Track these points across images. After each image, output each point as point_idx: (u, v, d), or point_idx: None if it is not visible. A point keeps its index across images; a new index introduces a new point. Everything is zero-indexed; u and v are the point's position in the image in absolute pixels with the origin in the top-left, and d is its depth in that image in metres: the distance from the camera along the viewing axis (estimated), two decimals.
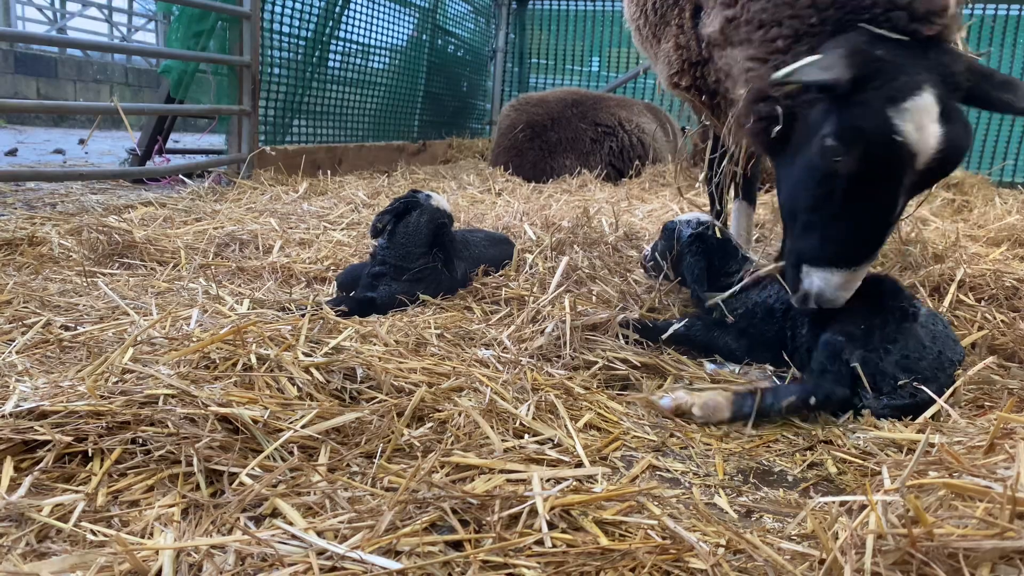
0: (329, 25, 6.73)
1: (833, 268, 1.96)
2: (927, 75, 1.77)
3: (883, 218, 1.90)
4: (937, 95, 1.75)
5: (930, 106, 1.74)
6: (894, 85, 1.76)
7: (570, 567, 1.22)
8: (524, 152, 7.11)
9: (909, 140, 1.74)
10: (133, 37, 16.36)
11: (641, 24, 3.03)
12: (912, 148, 1.75)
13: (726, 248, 2.54)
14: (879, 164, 1.81)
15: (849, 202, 1.91)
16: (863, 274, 1.97)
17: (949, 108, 1.76)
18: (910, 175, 1.80)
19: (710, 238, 2.57)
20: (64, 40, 13.18)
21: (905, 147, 1.75)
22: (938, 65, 1.81)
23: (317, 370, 1.85)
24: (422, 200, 2.83)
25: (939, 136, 1.74)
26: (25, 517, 1.28)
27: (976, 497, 1.27)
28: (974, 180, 5.99)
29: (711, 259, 2.54)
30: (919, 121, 1.73)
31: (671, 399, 1.93)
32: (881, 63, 1.79)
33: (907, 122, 1.73)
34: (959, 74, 1.81)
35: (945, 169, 1.84)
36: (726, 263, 2.53)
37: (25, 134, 10.04)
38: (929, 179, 1.87)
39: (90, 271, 2.90)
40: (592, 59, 10.41)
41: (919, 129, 1.73)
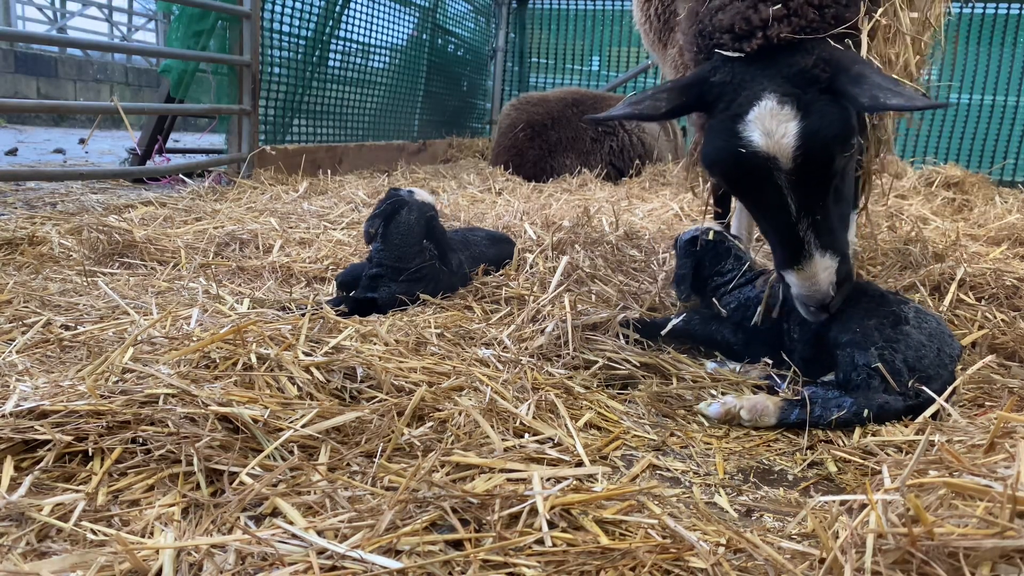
0: (329, 24, 6.73)
1: (788, 270, 2.02)
2: (768, 83, 1.85)
3: (783, 219, 1.94)
4: (782, 97, 1.82)
5: (773, 110, 1.82)
6: (736, 102, 1.88)
7: (570, 566, 1.22)
8: (524, 151, 7.11)
9: (759, 146, 1.83)
10: (133, 37, 16.36)
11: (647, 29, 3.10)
12: (766, 152, 1.83)
13: (717, 250, 2.56)
14: (742, 176, 1.93)
15: (755, 211, 2.07)
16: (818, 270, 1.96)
17: (804, 102, 1.82)
18: (783, 175, 1.86)
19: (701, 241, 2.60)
20: (64, 40, 13.17)
21: (757, 154, 1.84)
22: (785, 67, 1.86)
23: (317, 369, 1.85)
24: (407, 197, 2.81)
25: (794, 132, 1.80)
26: (25, 516, 1.28)
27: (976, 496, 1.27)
28: (974, 179, 5.99)
29: (700, 262, 2.56)
30: (765, 127, 1.82)
31: (720, 405, 1.93)
32: (722, 87, 1.93)
33: (754, 132, 1.83)
34: (811, 68, 1.85)
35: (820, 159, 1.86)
36: (717, 264, 2.54)
37: (25, 134, 10.04)
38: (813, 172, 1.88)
39: (90, 271, 2.90)
40: (592, 58, 10.40)
41: (767, 134, 1.82)
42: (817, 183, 1.90)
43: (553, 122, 7.17)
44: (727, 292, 2.47)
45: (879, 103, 1.74)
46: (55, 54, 12.39)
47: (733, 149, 1.86)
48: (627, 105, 2.05)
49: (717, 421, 1.93)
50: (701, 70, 2.02)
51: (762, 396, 1.96)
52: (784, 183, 1.87)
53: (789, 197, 1.89)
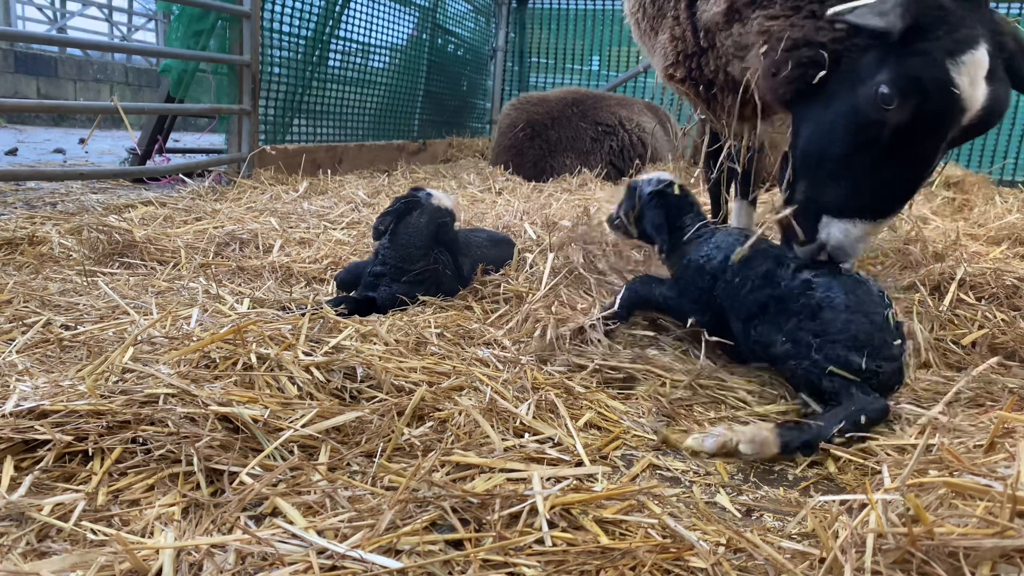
0: (329, 24, 6.72)
1: (857, 219, 1.93)
2: (983, 31, 1.78)
3: (920, 170, 1.89)
4: (990, 52, 1.76)
5: (984, 62, 1.75)
6: (955, 37, 1.77)
7: (570, 566, 1.22)
8: (524, 151, 7.11)
9: (963, 94, 1.75)
10: (133, 36, 16.35)
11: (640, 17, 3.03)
12: (964, 102, 1.76)
13: (681, 203, 2.57)
14: (931, 116, 1.81)
15: (890, 152, 1.89)
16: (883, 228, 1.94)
17: (996, 67, 1.78)
18: (954, 129, 1.82)
19: (668, 194, 2.60)
20: (64, 40, 13.17)
21: (959, 100, 1.76)
22: (991, 23, 1.81)
23: (317, 369, 1.85)
24: (422, 199, 2.82)
25: (987, 93, 1.76)
26: (25, 516, 1.28)
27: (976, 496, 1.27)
28: (974, 179, 5.98)
29: (668, 213, 2.57)
30: (973, 75, 1.75)
31: (714, 440, 1.80)
32: (943, 13, 1.79)
33: (963, 75, 1.74)
34: (1006, 36, 1.82)
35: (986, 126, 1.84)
36: (679, 218, 2.55)
37: (25, 133, 10.04)
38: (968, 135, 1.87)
39: (90, 270, 2.90)
40: (592, 58, 10.40)
41: (972, 84, 1.75)
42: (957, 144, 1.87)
43: (553, 122, 7.17)
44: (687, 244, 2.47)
45: None
46: (55, 54, 12.39)
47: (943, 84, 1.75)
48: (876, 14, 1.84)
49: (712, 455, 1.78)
50: None
51: (757, 428, 1.82)
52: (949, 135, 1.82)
53: (940, 151, 1.84)
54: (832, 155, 2.01)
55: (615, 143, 7.15)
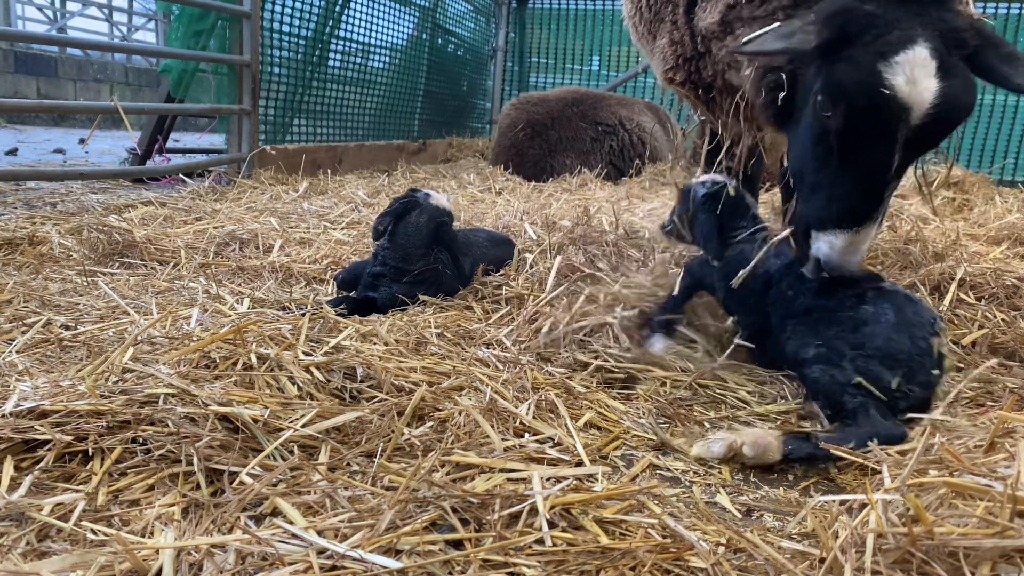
0: (329, 24, 6.72)
1: (836, 231, 1.93)
2: (923, 30, 1.77)
3: (879, 175, 1.87)
4: (933, 49, 1.74)
5: (924, 60, 1.73)
6: (886, 39, 1.77)
7: (570, 566, 1.22)
8: (524, 151, 7.11)
9: (900, 93, 1.74)
10: (133, 36, 16.35)
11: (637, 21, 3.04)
12: (904, 101, 1.74)
13: (736, 206, 2.52)
14: (868, 118, 1.81)
15: (844, 160, 1.91)
16: (867, 237, 1.91)
17: (948, 63, 1.75)
18: (905, 130, 1.79)
19: (722, 197, 2.55)
20: (64, 40, 13.17)
21: (895, 100, 1.74)
22: (938, 21, 1.80)
23: (317, 369, 1.85)
24: (421, 199, 2.82)
25: (935, 90, 1.73)
26: (25, 516, 1.28)
27: (976, 496, 1.27)
28: (974, 179, 5.98)
29: (722, 218, 2.52)
30: (912, 74, 1.73)
31: (721, 445, 1.76)
32: (872, 18, 1.81)
33: (897, 75, 1.73)
34: (963, 31, 1.79)
35: (945, 125, 1.82)
36: (735, 221, 2.50)
37: (25, 133, 10.04)
38: (929, 136, 1.84)
39: (90, 270, 2.90)
40: (592, 58, 10.40)
41: (911, 82, 1.73)
42: (923, 147, 1.85)
43: (553, 122, 7.17)
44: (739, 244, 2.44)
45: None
46: (55, 54, 12.39)
47: (873, 86, 1.75)
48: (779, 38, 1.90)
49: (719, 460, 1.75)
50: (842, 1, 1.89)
51: (761, 432, 1.79)
52: (900, 138, 1.80)
53: (896, 153, 1.83)
54: (807, 170, 2.04)
55: (615, 143, 7.15)
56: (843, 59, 1.83)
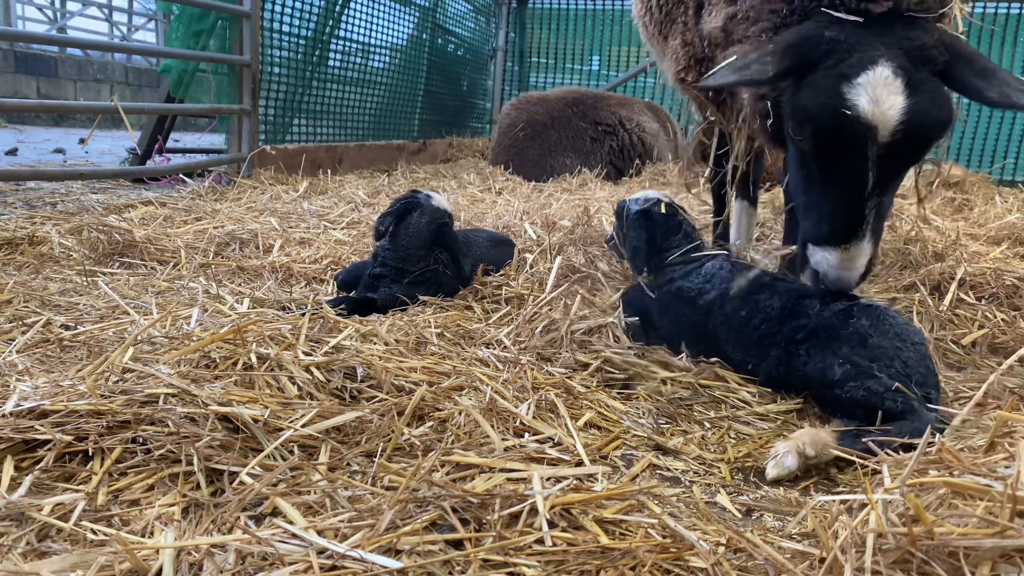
0: (329, 24, 6.72)
1: (827, 247, 1.96)
2: (886, 50, 1.80)
3: (856, 193, 1.89)
4: (898, 68, 1.77)
5: (887, 78, 1.76)
6: (848, 62, 1.81)
7: (570, 566, 1.22)
8: (524, 151, 7.11)
9: (863, 113, 1.76)
10: (133, 36, 16.35)
11: (647, 21, 3.06)
12: (868, 121, 1.77)
13: (668, 224, 2.53)
14: (834, 140, 1.85)
15: (824, 180, 1.95)
16: (861, 253, 1.94)
17: (916, 80, 1.78)
18: (875, 148, 1.81)
19: (655, 215, 2.55)
20: (64, 40, 13.17)
21: (860, 120, 1.77)
22: (904, 39, 1.82)
23: (317, 369, 1.85)
24: (422, 200, 2.82)
25: (901, 107, 1.76)
26: (25, 516, 1.28)
27: (976, 496, 1.27)
28: (974, 179, 5.98)
29: (654, 235, 2.53)
30: (874, 94, 1.76)
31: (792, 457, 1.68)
32: (834, 43, 1.85)
33: (860, 96, 1.76)
34: (930, 48, 1.81)
35: (919, 141, 1.83)
36: (667, 239, 2.51)
37: (25, 133, 10.04)
38: (905, 152, 1.85)
39: (90, 270, 2.90)
40: (592, 58, 10.40)
41: (875, 101, 1.76)
42: (901, 164, 1.87)
43: (553, 122, 7.17)
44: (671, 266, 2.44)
45: (1009, 101, 1.72)
46: (55, 54, 12.39)
47: (835, 108, 1.79)
48: (734, 71, 1.97)
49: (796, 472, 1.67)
50: (806, 29, 1.93)
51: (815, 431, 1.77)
52: (871, 156, 1.82)
53: (870, 172, 1.84)
54: (796, 189, 2.11)
55: (615, 143, 7.16)
56: (807, 84, 1.88)
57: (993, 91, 1.75)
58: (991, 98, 1.76)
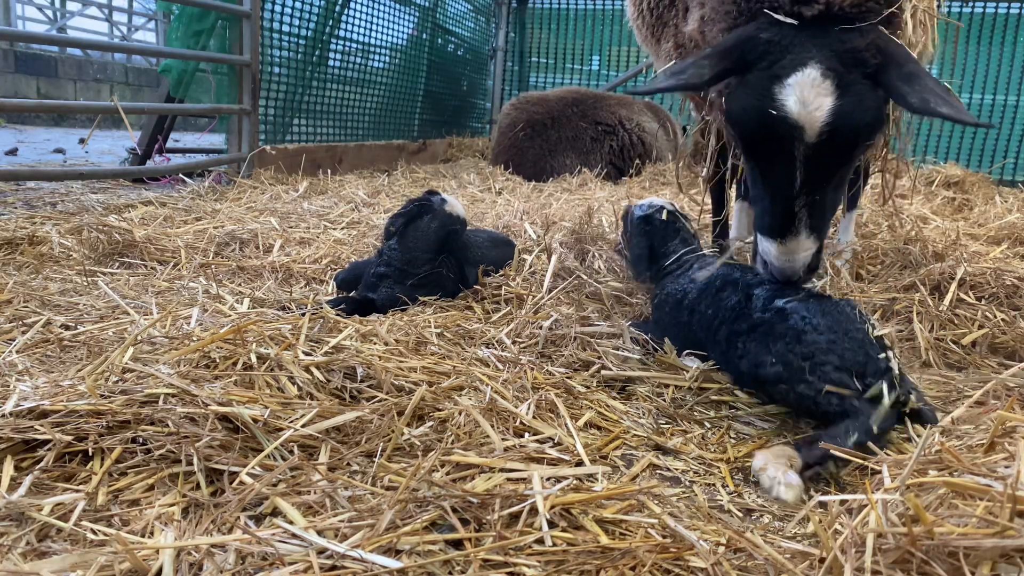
0: (329, 24, 6.73)
1: (769, 238, 2.02)
2: (817, 52, 1.83)
3: (788, 191, 1.94)
4: (828, 70, 1.80)
5: (812, 81, 1.79)
6: (780, 64, 1.85)
7: (570, 566, 1.22)
8: (524, 151, 7.11)
9: (790, 113, 1.81)
10: (133, 36, 16.35)
11: (640, 25, 3.10)
12: (795, 121, 1.81)
13: (667, 230, 2.55)
14: (763, 139, 1.91)
15: (762, 176, 2.03)
16: (799, 247, 1.98)
17: (845, 82, 1.80)
18: (803, 148, 1.85)
19: (655, 220, 2.57)
20: (64, 39, 13.18)
21: (787, 120, 1.82)
22: (837, 42, 1.85)
23: (317, 369, 1.85)
24: (436, 204, 2.78)
25: (827, 108, 1.79)
26: (25, 516, 1.28)
27: (976, 496, 1.27)
28: (974, 178, 5.98)
29: (653, 241, 2.54)
30: (802, 95, 1.80)
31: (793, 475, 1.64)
32: (769, 45, 1.89)
33: (788, 97, 1.81)
34: (862, 51, 1.83)
35: (847, 141, 1.85)
36: (664, 245, 2.53)
37: (25, 133, 10.04)
38: (833, 152, 1.87)
39: (90, 270, 2.90)
40: (592, 58, 10.40)
41: (802, 103, 1.80)
42: (829, 164, 1.89)
43: (553, 122, 7.17)
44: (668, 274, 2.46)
45: (928, 108, 1.73)
46: (55, 54, 12.39)
47: (764, 108, 1.84)
48: (670, 76, 2.03)
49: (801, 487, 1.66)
50: (745, 31, 1.98)
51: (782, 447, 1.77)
52: (800, 155, 1.86)
53: (799, 170, 1.89)
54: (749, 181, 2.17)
55: (615, 143, 7.16)
56: (741, 85, 1.95)
57: (915, 96, 1.77)
58: (912, 103, 1.77)
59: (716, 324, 2.16)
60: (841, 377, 1.84)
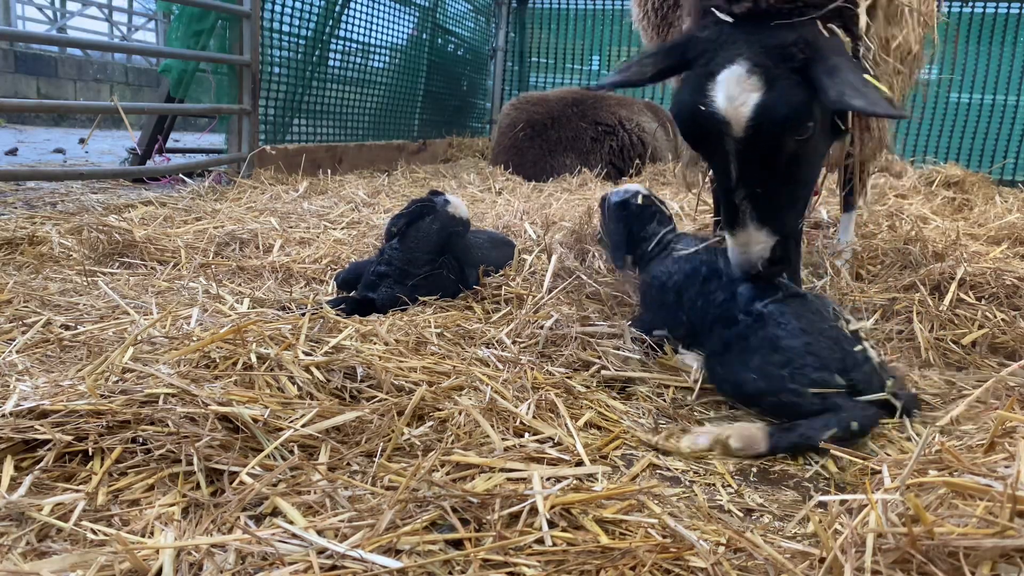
0: (329, 24, 6.72)
1: (724, 229, 2.09)
2: (748, 48, 1.87)
3: (727, 184, 1.99)
4: (756, 65, 1.84)
5: (738, 78, 1.84)
6: (715, 61, 1.90)
7: (570, 565, 1.22)
8: (524, 151, 7.11)
9: (718, 108, 1.86)
10: (133, 36, 16.34)
11: (645, 25, 3.12)
12: (722, 116, 1.86)
13: (643, 214, 2.56)
14: (696, 132, 1.99)
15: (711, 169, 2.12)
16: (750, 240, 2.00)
17: (773, 77, 1.84)
18: (733, 143, 1.90)
19: (631, 205, 2.58)
20: (64, 39, 13.18)
21: (714, 115, 1.87)
22: (768, 38, 1.88)
23: (317, 369, 1.85)
24: (438, 205, 2.77)
25: (753, 104, 1.83)
26: (25, 516, 1.28)
27: (976, 495, 1.27)
28: (974, 178, 5.98)
29: (631, 226, 2.55)
30: (729, 91, 1.85)
31: (706, 438, 1.79)
32: (707, 43, 1.95)
33: (716, 92, 1.86)
34: (790, 46, 1.86)
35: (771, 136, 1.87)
36: (643, 228, 2.54)
37: (25, 133, 10.04)
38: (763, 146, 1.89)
39: (90, 270, 2.90)
40: (592, 58, 10.40)
41: (729, 99, 1.85)
42: (761, 158, 1.92)
43: (553, 122, 7.17)
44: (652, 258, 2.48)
45: (843, 101, 1.75)
46: (55, 54, 12.38)
47: (696, 104, 1.90)
48: (616, 73, 2.12)
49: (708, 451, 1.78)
50: (689, 30, 2.06)
51: (747, 425, 1.85)
52: (732, 150, 1.92)
53: (733, 164, 1.94)
54: None
55: (615, 143, 7.15)
56: (682, 82, 2.03)
57: (833, 90, 1.78)
58: (829, 96, 1.79)
59: (709, 321, 2.16)
60: (822, 376, 1.85)
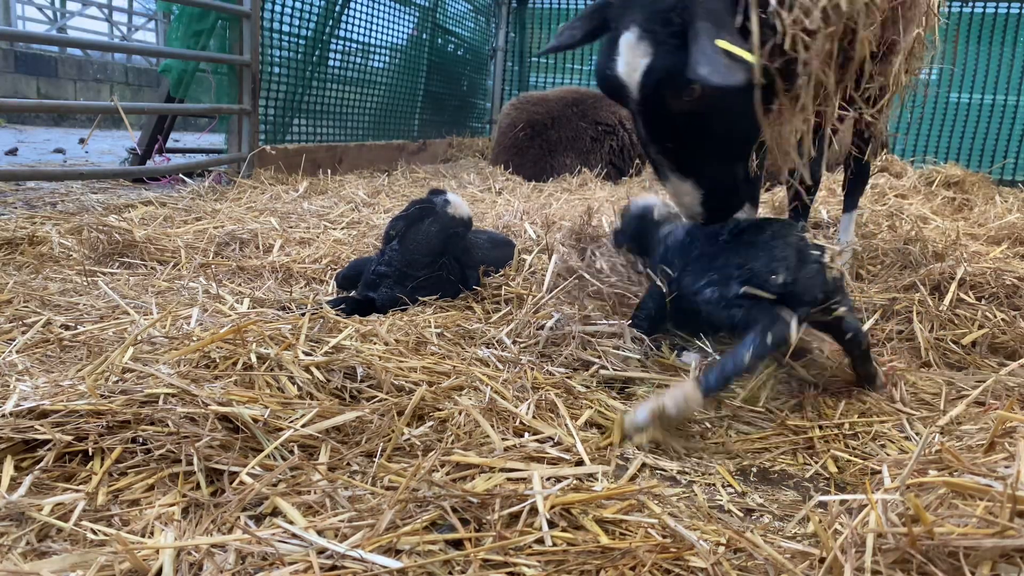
0: (329, 24, 6.72)
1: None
2: (640, 15, 1.94)
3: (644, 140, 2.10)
4: (645, 31, 1.90)
5: (629, 44, 1.91)
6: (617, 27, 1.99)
7: (570, 565, 1.22)
8: (524, 151, 7.11)
9: (618, 73, 1.95)
10: (133, 36, 16.34)
11: None
12: (621, 80, 1.95)
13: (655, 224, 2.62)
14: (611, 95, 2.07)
15: None
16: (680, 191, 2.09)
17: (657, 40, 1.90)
18: (634, 104, 1.99)
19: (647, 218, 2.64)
20: (64, 39, 13.17)
21: (616, 80, 1.96)
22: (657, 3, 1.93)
23: (317, 369, 1.85)
24: (438, 206, 2.76)
25: (641, 67, 1.91)
26: (25, 516, 1.28)
27: (976, 495, 1.27)
28: (974, 178, 5.97)
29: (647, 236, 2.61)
30: (625, 57, 1.93)
31: (645, 412, 1.77)
32: (617, 10, 2.02)
33: (616, 58, 1.95)
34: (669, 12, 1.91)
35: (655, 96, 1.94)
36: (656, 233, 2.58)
37: (25, 133, 10.04)
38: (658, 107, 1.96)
39: (90, 270, 2.90)
40: (592, 58, 10.39)
41: (626, 64, 1.93)
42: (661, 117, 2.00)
43: (553, 122, 7.17)
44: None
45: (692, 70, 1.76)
46: (55, 54, 12.38)
47: (604, 69, 1.99)
48: (555, 38, 2.19)
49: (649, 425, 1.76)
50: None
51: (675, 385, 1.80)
52: (635, 111, 2.02)
53: (641, 124, 2.04)
54: None
55: (615, 143, 7.15)
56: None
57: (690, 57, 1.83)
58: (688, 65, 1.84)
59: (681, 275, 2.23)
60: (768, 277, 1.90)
